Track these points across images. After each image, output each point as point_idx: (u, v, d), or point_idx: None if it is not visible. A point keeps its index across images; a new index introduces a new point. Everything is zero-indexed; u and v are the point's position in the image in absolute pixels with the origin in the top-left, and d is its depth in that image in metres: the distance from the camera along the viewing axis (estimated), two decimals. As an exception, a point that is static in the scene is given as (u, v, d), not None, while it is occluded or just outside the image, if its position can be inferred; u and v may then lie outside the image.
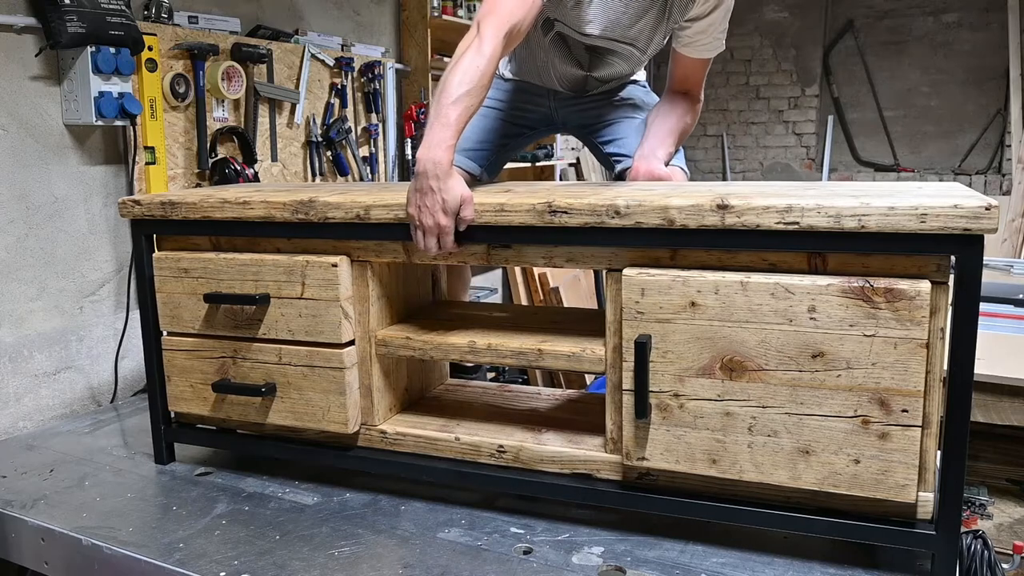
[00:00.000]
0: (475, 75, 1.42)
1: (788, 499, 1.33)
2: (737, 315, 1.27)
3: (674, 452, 1.35)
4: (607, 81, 1.98)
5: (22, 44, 2.21)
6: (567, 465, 1.48)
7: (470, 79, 1.42)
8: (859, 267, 1.23)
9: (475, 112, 1.45)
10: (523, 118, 2.09)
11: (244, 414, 1.67)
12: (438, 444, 1.58)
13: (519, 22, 1.51)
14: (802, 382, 1.25)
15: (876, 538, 1.28)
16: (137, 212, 1.70)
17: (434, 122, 1.40)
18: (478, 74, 1.43)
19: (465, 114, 1.41)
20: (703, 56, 1.82)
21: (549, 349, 1.48)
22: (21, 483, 1.77)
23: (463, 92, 1.41)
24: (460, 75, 1.42)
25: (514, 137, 2.11)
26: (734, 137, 6.88)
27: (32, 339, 2.29)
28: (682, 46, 1.80)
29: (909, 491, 1.22)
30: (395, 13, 3.76)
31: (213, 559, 1.40)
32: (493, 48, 1.46)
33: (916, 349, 1.19)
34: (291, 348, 1.59)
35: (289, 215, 1.55)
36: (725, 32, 1.78)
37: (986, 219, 1.13)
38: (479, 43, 1.46)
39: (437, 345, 1.56)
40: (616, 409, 1.41)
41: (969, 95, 6.03)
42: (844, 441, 1.24)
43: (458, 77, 1.42)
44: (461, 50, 1.47)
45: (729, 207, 1.25)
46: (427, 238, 1.41)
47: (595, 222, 1.34)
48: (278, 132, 3.05)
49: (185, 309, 1.68)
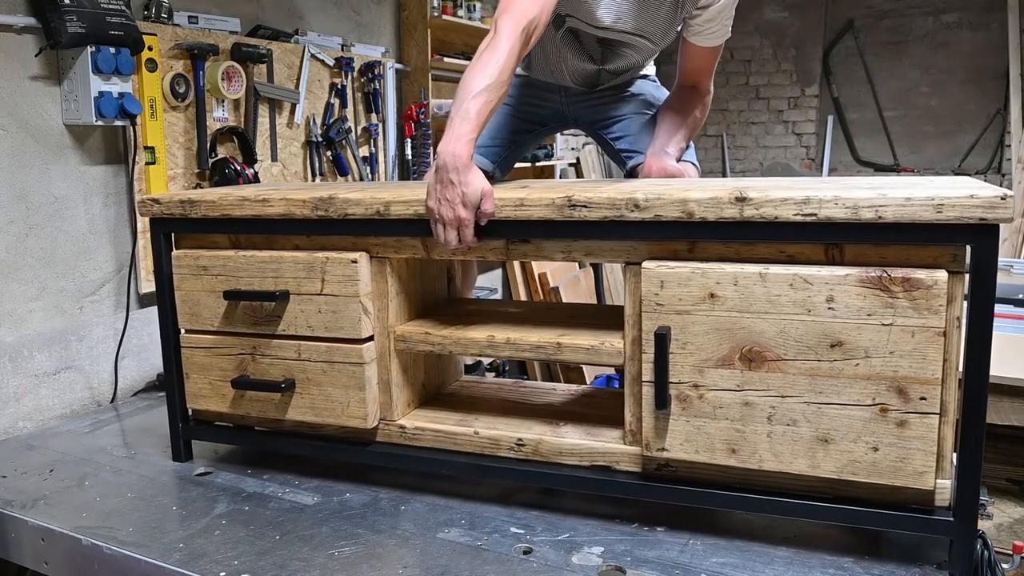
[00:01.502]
0: (495, 71, 1.44)
1: (807, 488, 1.34)
2: (756, 306, 1.28)
3: (693, 443, 1.36)
4: (619, 74, 2.00)
5: (22, 44, 2.22)
6: (586, 457, 1.50)
7: (490, 75, 1.44)
8: (876, 257, 1.25)
9: (496, 108, 1.47)
10: (534, 114, 2.11)
11: (263, 410, 1.68)
12: (457, 438, 1.59)
13: (535, 18, 1.53)
14: (821, 371, 1.26)
15: (894, 525, 1.30)
16: (156, 211, 1.71)
17: (454, 116, 1.42)
18: (497, 70, 1.44)
19: (485, 109, 1.43)
20: (713, 44, 1.83)
21: (568, 343, 1.50)
22: (21, 483, 1.77)
23: (483, 87, 1.43)
24: (480, 71, 1.44)
25: (526, 133, 2.12)
26: (734, 137, 6.90)
27: (32, 339, 2.30)
28: (692, 35, 1.81)
29: (927, 478, 1.24)
30: (395, 13, 3.78)
31: (213, 559, 1.40)
32: (511, 45, 1.47)
33: (934, 338, 1.21)
34: (310, 344, 1.61)
35: (309, 212, 1.56)
36: (732, 19, 1.80)
37: (1002, 209, 1.15)
38: (497, 40, 1.48)
39: (456, 340, 1.58)
40: (635, 401, 1.43)
41: (969, 95, 6.06)
42: (863, 429, 1.26)
43: (478, 73, 1.44)
44: (480, 49, 1.49)
45: (747, 199, 1.27)
46: (447, 231, 1.42)
47: (614, 216, 1.36)
48: (278, 132, 3.06)
49: (204, 307, 1.69)
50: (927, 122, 6.25)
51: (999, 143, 6.00)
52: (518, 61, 1.52)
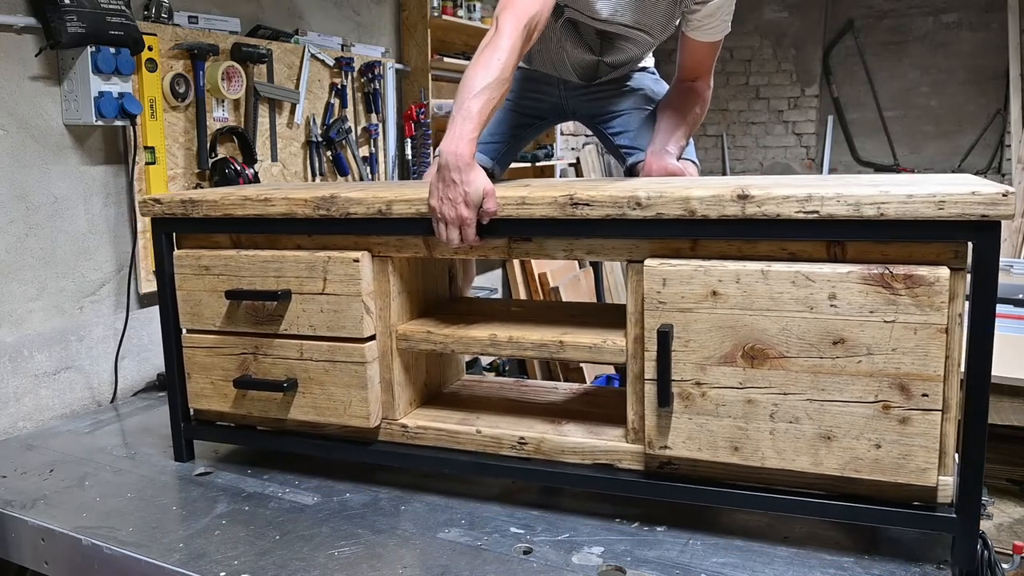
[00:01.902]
0: (495, 69, 1.44)
1: (810, 485, 1.34)
2: (758, 303, 1.29)
3: (696, 440, 1.36)
4: (618, 66, 1.98)
5: (22, 44, 2.22)
6: (588, 456, 1.50)
7: (491, 73, 1.44)
8: (878, 254, 1.25)
9: (498, 106, 1.47)
10: (533, 108, 2.10)
11: (265, 410, 1.68)
12: (459, 437, 1.59)
13: (536, 14, 1.52)
14: (823, 369, 1.27)
15: (897, 522, 1.30)
16: (157, 210, 1.71)
17: (456, 115, 1.42)
18: (498, 67, 1.45)
19: (487, 107, 1.43)
20: (712, 39, 1.81)
21: (571, 341, 1.50)
22: (21, 483, 1.77)
23: (484, 85, 1.43)
24: (481, 69, 1.44)
25: (525, 128, 2.12)
26: (734, 137, 6.91)
27: (32, 339, 2.30)
28: (691, 30, 1.80)
29: (930, 475, 1.24)
30: (395, 13, 3.78)
31: (213, 559, 1.40)
32: (512, 42, 1.47)
33: (936, 334, 1.21)
34: (312, 343, 1.61)
35: (311, 211, 1.56)
36: (731, 14, 1.79)
37: (1003, 205, 1.15)
38: (497, 38, 1.48)
39: (458, 339, 1.58)
40: (638, 399, 1.43)
41: (969, 95, 6.06)
42: (865, 426, 1.26)
43: (479, 71, 1.44)
44: (482, 46, 1.49)
45: (749, 197, 1.27)
46: (449, 230, 1.43)
47: (616, 214, 1.36)
48: (278, 132, 3.06)
49: (206, 306, 1.69)
50: (927, 122, 6.25)
51: (999, 143, 6.00)
52: (520, 58, 1.52)
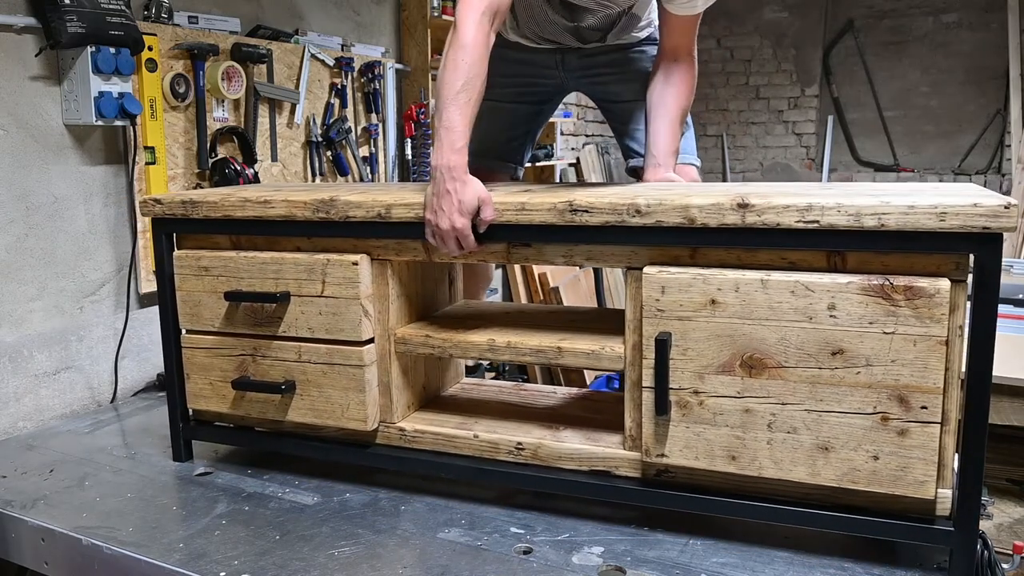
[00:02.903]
0: (464, 69, 1.44)
1: (807, 496, 1.34)
2: (757, 313, 1.28)
3: (693, 449, 1.36)
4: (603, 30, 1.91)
5: (22, 44, 2.21)
6: (585, 462, 1.50)
7: (459, 75, 1.44)
8: (878, 265, 1.25)
9: (478, 100, 1.47)
10: (535, 95, 2.09)
11: (263, 411, 1.68)
12: (456, 441, 1.59)
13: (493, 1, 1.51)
14: (822, 379, 1.26)
15: (895, 534, 1.30)
16: (158, 211, 1.71)
17: (439, 128, 1.42)
18: (465, 67, 1.44)
19: (466, 109, 1.43)
20: (692, 12, 1.76)
21: (568, 347, 1.50)
22: (21, 483, 1.77)
23: (456, 90, 1.43)
24: (450, 73, 1.45)
25: (535, 116, 2.11)
26: (734, 137, 6.90)
27: (32, 339, 2.29)
28: (669, 2, 1.75)
29: (928, 488, 1.24)
30: (395, 13, 3.77)
31: (213, 559, 1.40)
32: (473, 35, 1.47)
33: (935, 346, 1.20)
34: (311, 346, 1.61)
35: (310, 214, 1.56)
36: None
37: (1005, 217, 1.15)
38: (457, 36, 1.48)
39: (456, 343, 1.58)
40: (635, 406, 1.43)
41: (969, 95, 6.06)
42: (863, 438, 1.26)
43: (448, 75, 1.44)
44: (446, 48, 1.49)
45: (749, 206, 1.27)
46: (447, 240, 1.43)
47: (616, 221, 1.36)
48: (278, 132, 3.05)
49: (205, 307, 1.69)
50: (927, 122, 6.25)
51: (999, 143, 6.00)
52: (487, 47, 1.51)
